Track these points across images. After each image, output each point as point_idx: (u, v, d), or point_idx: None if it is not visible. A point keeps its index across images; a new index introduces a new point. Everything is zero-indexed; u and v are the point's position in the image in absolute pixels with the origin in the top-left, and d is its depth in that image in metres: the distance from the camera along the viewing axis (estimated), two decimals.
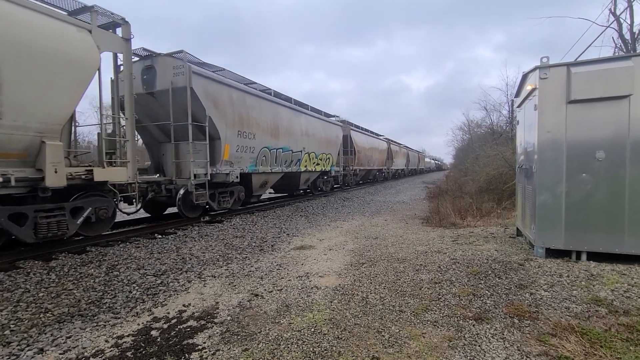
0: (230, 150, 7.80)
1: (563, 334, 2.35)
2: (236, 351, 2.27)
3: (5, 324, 2.74)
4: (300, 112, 11.29)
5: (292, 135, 10.51)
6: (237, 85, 8.24)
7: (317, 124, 12.48)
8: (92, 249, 5.02)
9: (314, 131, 12.11)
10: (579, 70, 3.79)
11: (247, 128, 8.32)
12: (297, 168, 10.91)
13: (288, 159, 10.34)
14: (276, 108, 9.74)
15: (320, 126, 12.73)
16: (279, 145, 9.79)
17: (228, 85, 7.83)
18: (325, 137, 13.13)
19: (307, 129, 11.59)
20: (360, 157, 18.37)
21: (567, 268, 3.69)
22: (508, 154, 11.45)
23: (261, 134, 8.94)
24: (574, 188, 3.87)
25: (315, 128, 12.24)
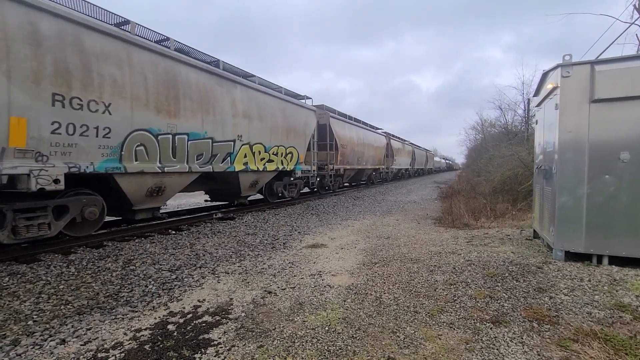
0: (32, 130, 4.09)
1: (585, 340, 2.28)
2: (251, 347, 2.29)
3: (29, 314, 2.83)
4: (235, 83, 7.56)
5: (213, 115, 6.79)
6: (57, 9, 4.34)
7: (270, 103, 8.88)
8: (109, 244, 5.13)
9: (262, 113, 8.45)
10: (603, 69, 3.67)
11: (83, 91, 4.56)
12: (227, 166, 7.31)
13: (206, 151, 6.67)
14: (174, 67, 5.96)
15: (276, 107, 9.10)
16: (183, 129, 6.08)
17: None
18: (285, 123, 9.47)
19: (248, 108, 7.91)
20: (346, 153, 14.48)
21: (588, 272, 3.58)
22: (524, 154, 11.19)
23: (128, 105, 5.15)
24: (596, 190, 3.75)
25: (265, 109, 8.60)
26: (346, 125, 15.17)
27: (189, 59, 6.43)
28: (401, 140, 27.20)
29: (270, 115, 8.88)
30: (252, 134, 8.08)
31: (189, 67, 6.38)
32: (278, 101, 9.30)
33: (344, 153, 14.46)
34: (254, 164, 8.27)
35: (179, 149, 6.09)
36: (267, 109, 8.75)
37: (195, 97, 6.41)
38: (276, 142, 9.14)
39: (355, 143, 15.86)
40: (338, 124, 14.18)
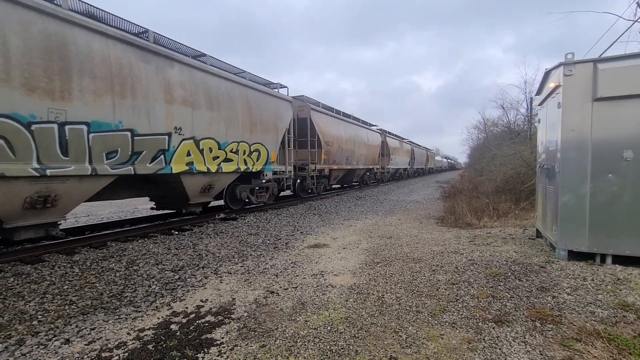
0: None
1: (588, 339, 2.27)
2: (254, 347, 2.30)
3: (34, 314, 2.85)
4: (171, 60, 5.90)
5: (133, 100, 5.20)
6: None
7: (227, 89, 7.12)
8: (112, 244, 5.17)
9: (214, 101, 6.76)
10: (606, 67, 3.65)
11: None
12: (159, 167, 5.70)
13: (122, 147, 5.11)
14: (64, 32, 4.36)
15: (236, 94, 7.38)
16: (79, 117, 4.50)
17: None
18: (249, 115, 7.81)
19: (192, 94, 6.22)
20: (332, 151, 12.80)
21: (591, 271, 3.57)
22: (526, 153, 11.15)
23: None
24: (599, 189, 3.73)
25: (219, 96, 6.90)
26: (332, 120, 13.42)
27: (91, 23, 4.64)
28: (399, 138, 25.58)
29: (227, 104, 7.07)
30: (197, 127, 6.34)
31: (92, 34, 4.63)
32: (239, 87, 7.51)
33: (330, 151, 12.68)
34: (204, 164, 6.52)
35: (72, 143, 4.40)
36: (222, 96, 6.94)
37: (102, 74, 4.71)
38: (236, 137, 7.40)
39: (344, 140, 14.12)
40: (322, 119, 12.34)
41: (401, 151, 25.26)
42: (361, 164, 16.52)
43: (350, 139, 14.96)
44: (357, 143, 15.76)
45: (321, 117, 12.36)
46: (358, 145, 15.85)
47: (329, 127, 12.89)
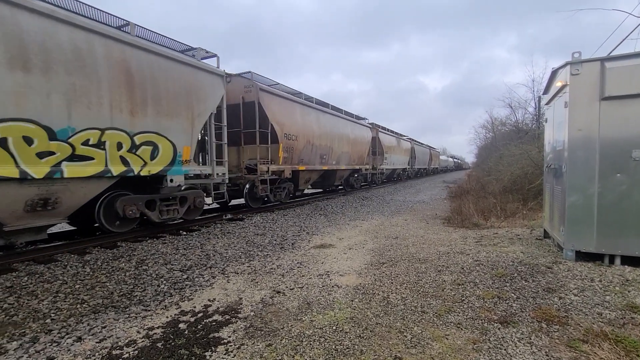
0: None
1: (595, 341, 2.26)
2: (260, 346, 2.34)
3: (47, 313, 2.94)
4: None
5: None
6: None
7: (68, 39, 4.41)
8: (123, 244, 5.26)
9: (31, 56, 4.04)
10: (614, 65, 3.61)
11: None
12: None
13: None
14: None
15: (99, 52, 4.76)
16: None
17: None
18: (128, 87, 5.17)
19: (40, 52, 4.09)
20: (296, 147, 9.87)
21: (599, 272, 3.53)
22: (534, 152, 11.02)
23: None
24: (608, 189, 3.69)
25: (50, 48, 4.21)
26: (297, 107, 10.14)
27: None
28: (396, 135, 22.42)
29: (73, 66, 4.47)
30: None
31: None
32: (108, 43, 4.88)
33: (293, 147, 9.70)
34: (15, 165, 3.98)
35: None
36: (60, 51, 4.31)
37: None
38: (97, 122, 4.80)
39: (316, 134, 10.90)
40: (279, 104, 9.23)
41: (398, 149, 22.16)
42: (344, 163, 13.42)
43: (326, 133, 11.73)
44: (337, 138, 12.58)
45: (278, 102, 9.30)
46: (338, 140, 12.66)
47: (292, 116, 9.86)
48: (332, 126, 12.33)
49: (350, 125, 14.22)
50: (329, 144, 12.02)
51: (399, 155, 22.46)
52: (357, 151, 14.69)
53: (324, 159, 11.85)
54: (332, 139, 12.19)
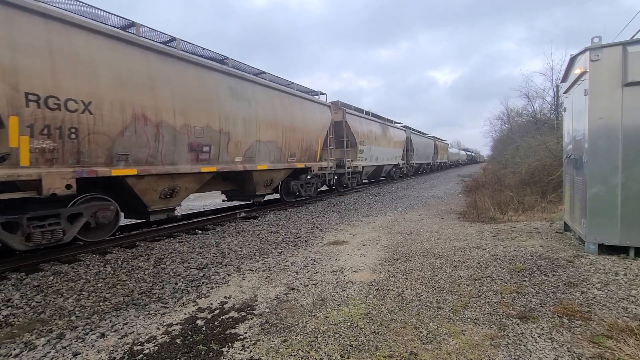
0: None
1: (620, 336, 2.18)
2: (276, 342, 2.36)
3: (72, 310, 3.06)
4: None
5: None
6: None
7: None
8: (141, 244, 5.41)
9: None
10: (637, 49, 3.45)
11: None
12: None
13: None
14: None
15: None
16: None
17: None
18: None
19: None
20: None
21: (623, 266, 3.40)
22: (552, 143, 10.67)
23: None
24: (632, 179, 3.54)
25: None
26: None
27: None
28: (379, 120, 16.51)
29: None
30: None
31: None
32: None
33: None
34: None
35: None
36: None
37: None
38: None
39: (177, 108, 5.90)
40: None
41: (384, 140, 16.56)
42: (282, 159, 9.04)
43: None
44: (268, 125, 8.24)
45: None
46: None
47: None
48: (248, 108, 7.40)
49: (289, 99, 8.84)
50: (248, 137, 7.33)
51: (387, 149, 16.93)
52: (308, 142, 9.70)
53: (205, 154, 6.38)
54: (256, 124, 7.55)
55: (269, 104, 8.05)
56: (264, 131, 7.83)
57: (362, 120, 14.35)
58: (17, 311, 3.05)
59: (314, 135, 10.15)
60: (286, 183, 9.74)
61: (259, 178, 8.04)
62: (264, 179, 8.28)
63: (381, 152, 16.28)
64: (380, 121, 16.71)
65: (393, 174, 19.71)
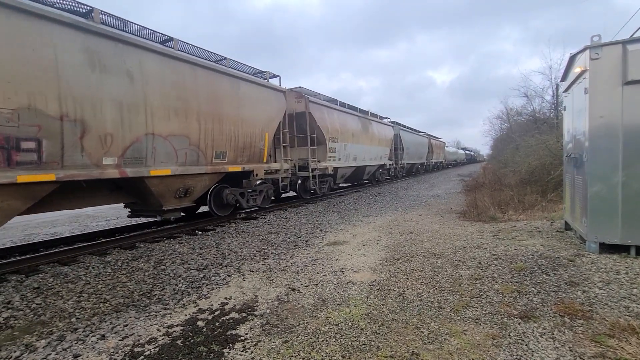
0: None
1: (622, 335, 2.18)
2: (276, 343, 2.36)
3: (72, 312, 3.05)
4: None
5: None
6: None
7: None
8: (141, 245, 5.40)
9: None
10: (637, 47, 3.44)
11: None
12: None
13: None
14: None
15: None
16: None
17: None
18: None
19: None
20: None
21: (625, 264, 3.40)
22: (552, 142, 10.66)
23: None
24: (633, 177, 3.53)
25: None
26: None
27: None
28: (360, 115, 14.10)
29: None
30: None
31: None
32: None
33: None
34: None
35: None
36: None
37: None
38: None
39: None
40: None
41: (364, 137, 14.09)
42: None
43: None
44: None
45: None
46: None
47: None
48: None
49: (212, 78, 6.51)
50: (71, 112, 5.19)
51: (365, 145, 14.28)
52: (232, 134, 6.98)
53: (29, 154, 4.01)
54: (94, 102, 5.25)
55: (172, 81, 5.65)
56: (163, 121, 5.47)
57: (334, 113, 11.76)
58: (17, 313, 3.04)
59: (258, 129, 7.71)
60: (217, 192, 7.27)
61: (161, 188, 5.64)
62: (171, 188, 5.85)
63: (361, 150, 13.83)
64: (360, 115, 14.15)
65: (379, 176, 17.15)
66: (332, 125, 11.37)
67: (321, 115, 10.75)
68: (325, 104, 11.47)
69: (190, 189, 6.26)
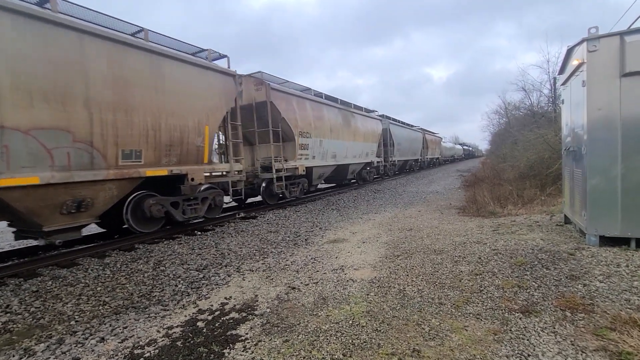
0: None
1: (624, 328, 2.17)
2: (277, 342, 2.34)
3: (71, 315, 3.03)
4: None
5: None
6: None
7: None
8: (140, 246, 5.38)
9: None
10: (635, 39, 3.42)
11: None
12: None
13: None
14: None
15: None
16: None
17: None
18: None
19: None
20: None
21: (625, 257, 3.39)
22: (550, 136, 10.66)
23: None
24: (632, 169, 3.52)
25: None
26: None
27: None
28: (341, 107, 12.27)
29: None
30: None
31: None
32: None
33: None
34: None
35: None
36: None
37: None
38: None
39: None
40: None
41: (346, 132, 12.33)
42: None
43: None
44: None
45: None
46: None
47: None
48: None
49: (110, 50, 4.84)
50: None
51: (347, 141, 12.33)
52: (151, 128, 5.48)
53: None
54: None
55: (40, 54, 4.08)
56: (20, 109, 3.92)
57: (306, 104, 9.78)
58: (16, 317, 3.02)
59: (192, 121, 6.14)
60: (137, 203, 5.70)
61: (30, 203, 4.13)
62: (50, 202, 4.32)
63: (342, 147, 11.90)
64: (340, 107, 12.19)
65: (366, 175, 15.27)
66: (303, 118, 9.56)
67: (288, 106, 9.07)
68: (294, 93, 9.58)
69: (91, 202, 4.71)
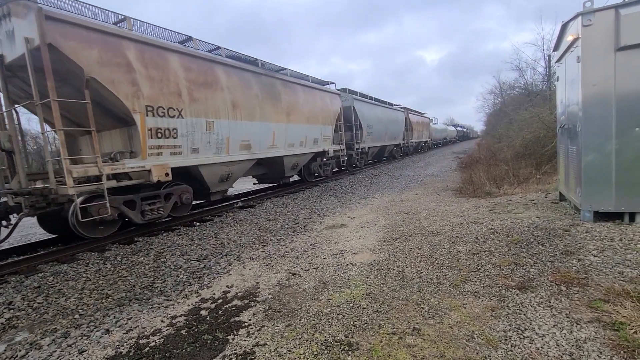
0: None
1: (617, 300, 2.23)
2: (280, 327, 2.39)
3: (75, 309, 3.06)
4: None
5: None
6: None
7: None
8: (140, 239, 5.39)
9: None
10: (630, 12, 3.38)
11: None
12: None
13: None
14: None
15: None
16: None
17: None
18: None
19: None
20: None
21: (619, 231, 3.45)
22: (545, 114, 10.66)
23: None
24: (626, 145, 3.54)
25: None
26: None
27: None
28: (268, 74, 8.21)
29: None
30: None
31: None
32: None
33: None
34: None
35: None
36: None
37: None
38: None
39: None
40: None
41: (269, 108, 8.06)
42: None
43: None
44: None
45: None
46: None
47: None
48: None
49: None
50: None
51: (272, 123, 8.27)
52: None
53: None
54: None
55: None
56: None
57: (163, 57, 5.60)
58: (20, 313, 3.04)
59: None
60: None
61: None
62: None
63: (263, 132, 7.97)
64: (263, 72, 8.11)
65: (316, 169, 11.24)
66: (160, 83, 5.47)
67: (109, 57, 4.80)
68: (132, 36, 5.17)
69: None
